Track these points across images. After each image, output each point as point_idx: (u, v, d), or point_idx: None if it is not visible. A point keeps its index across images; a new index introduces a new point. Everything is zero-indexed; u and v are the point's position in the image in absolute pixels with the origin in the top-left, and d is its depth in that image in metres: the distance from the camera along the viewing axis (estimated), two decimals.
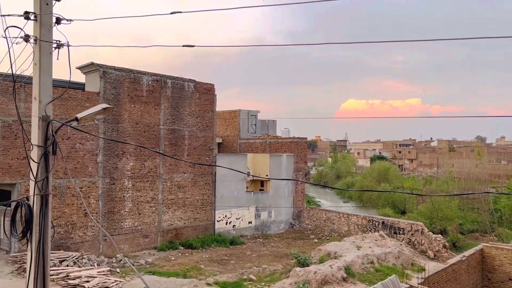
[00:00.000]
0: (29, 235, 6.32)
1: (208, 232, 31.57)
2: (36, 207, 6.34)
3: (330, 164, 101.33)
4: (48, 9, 6.25)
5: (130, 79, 27.59)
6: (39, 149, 6.32)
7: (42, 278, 6.24)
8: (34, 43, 6.27)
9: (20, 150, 22.97)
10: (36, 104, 6.38)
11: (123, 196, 26.98)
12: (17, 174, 22.88)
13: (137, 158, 27.77)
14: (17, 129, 22.92)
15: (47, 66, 6.36)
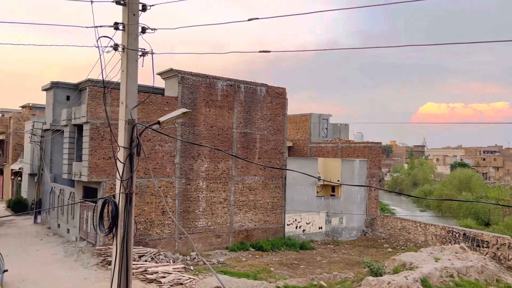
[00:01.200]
0: (114, 230, 6.78)
1: (278, 235, 31.65)
2: (121, 204, 6.78)
3: (406, 171, 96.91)
4: (135, 19, 6.68)
5: (206, 84, 28.59)
6: (125, 150, 6.77)
7: (126, 271, 6.66)
8: (122, 51, 6.73)
9: (106, 151, 24.78)
10: (123, 108, 6.84)
11: (197, 196, 27.98)
12: (102, 173, 24.70)
13: (211, 160, 28.65)
14: (103, 131, 24.76)
15: (133, 72, 6.80)
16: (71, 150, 28.37)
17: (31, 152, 38.62)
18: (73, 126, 28.14)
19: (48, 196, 34.49)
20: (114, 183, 24.48)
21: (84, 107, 24.98)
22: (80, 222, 27.28)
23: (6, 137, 49.84)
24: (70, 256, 24.33)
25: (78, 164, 26.21)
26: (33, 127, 35.72)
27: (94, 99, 24.51)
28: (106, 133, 24.78)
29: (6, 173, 48.62)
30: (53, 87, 32.69)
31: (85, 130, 25.02)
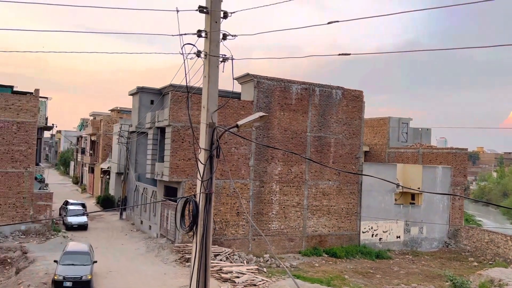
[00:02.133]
0: (195, 229, 7.09)
1: (353, 242, 30.85)
2: (201, 204, 7.08)
3: (495, 179, 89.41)
4: (217, 26, 6.97)
5: (281, 88, 28.81)
6: (206, 152, 7.06)
7: (204, 268, 6.94)
8: (204, 57, 7.05)
9: (185, 153, 25.98)
10: (204, 112, 7.15)
11: (271, 199, 28.24)
12: (182, 173, 25.91)
13: (285, 163, 28.77)
14: (184, 134, 25.99)
15: (214, 78, 7.08)
16: (154, 151, 30.14)
17: (118, 153, 41.66)
18: (156, 129, 29.88)
19: (132, 194, 36.94)
20: (193, 183, 25.56)
21: (167, 111, 26.42)
22: (161, 219, 28.86)
23: (97, 138, 54.27)
24: (151, 251, 25.81)
25: (160, 164, 27.75)
26: (121, 129, 38.52)
27: (176, 103, 25.84)
28: (186, 135, 25.97)
29: (97, 172, 52.91)
30: (138, 92, 35.00)
31: (167, 133, 26.44)
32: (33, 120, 29.29)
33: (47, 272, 20.09)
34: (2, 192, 28.17)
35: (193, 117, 24.78)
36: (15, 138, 28.65)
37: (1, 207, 28.11)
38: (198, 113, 27.35)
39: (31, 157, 29.13)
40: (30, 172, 29.07)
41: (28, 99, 29.33)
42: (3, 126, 28.37)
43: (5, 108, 28.53)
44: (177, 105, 25.87)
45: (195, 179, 24.99)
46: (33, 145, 29.40)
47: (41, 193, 30.03)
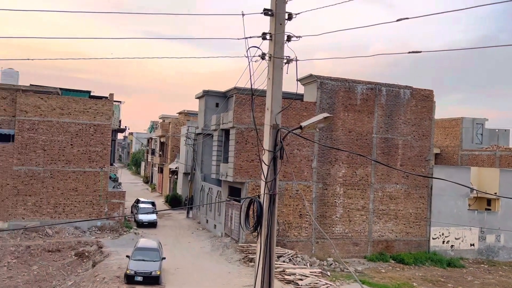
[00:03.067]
0: (259, 229, 7.16)
1: (422, 248, 29.42)
2: (265, 204, 7.13)
3: None
4: (281, 28, 7.00)
5: (345, 88, 28.25)
6: (269, 153, 7.10)
7: (269, 269, 6.98)
8: (269, 59, 7.10)
9: (249, 154, 26.33)
10: (268, 114, 7.20)
11: (334, 201, 27.76)
12: (246, 174, 26.28)
13: (349, 165, 28.15)
14: (247, 135, 26.36)
15: (278, 80, 7.12)
16: (219, 152, 30.90)
17: (186, 154, 43.23)
18: (221, 131, 30.61)
19: (198, 194, 38.13)
20: (256, 184, 25.83)
21: (231, 113, 26.98)
22: (225, 219, 29.49)
23: (166, 139, 56.73)
24: (216, 250, 26.46)
25: (225, 165, 28.38)
26: (188, 131, 39.97)
27: (240, 106, 26.30)
28: (250, 137, 26.32)
29: (165, 172, 55.30)
30: (204, 95, 36.08)
31: (231, 134, 26.99)
32: (108, 123, 31.27)
33: (120, 267, 21.33)
34: (81, 190, 30.37)
35: (256, 119, 25.07)
36: (92, 139, 30.76)
37: (80, 204, 30.31)
38: (262, 115, 27.46)
39: (106, 158, 31.11)
40: (105, 171, 31.06)
41: (103, 103, 31.38)
42: (82, 128, 30.58)
43: (83, 111, 30.74)
44: (241, 108, 26.30)
45: (259, 180, 25.21)
46: (108, 146, 31.38)
47: (114, 191, 31.96)
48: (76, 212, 30.10)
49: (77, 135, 30.42)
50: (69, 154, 30.19)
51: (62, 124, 30.14)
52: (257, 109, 25.34)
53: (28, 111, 29.48)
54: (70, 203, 30.07)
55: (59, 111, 30.11)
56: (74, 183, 30.17)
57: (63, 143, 30.14)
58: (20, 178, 29.19)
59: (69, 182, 30.07)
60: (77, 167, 30.32)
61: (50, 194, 29.66)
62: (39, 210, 29.42)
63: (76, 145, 30.38)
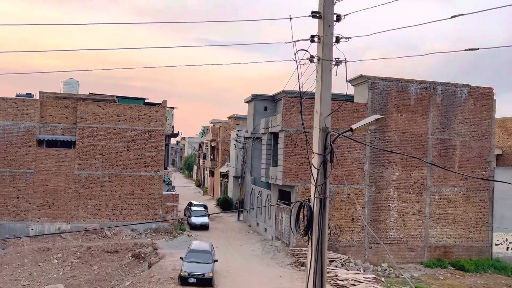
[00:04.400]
0: (310, 233, 7.10)
1: (483, 255, 27.80)
2: (315, 209, 7.06)
3: None
4: (329, 30, 6.92)
5: (397, 88, 27.40)
6: (319, 157, 7.03)
7: (320, 273, 6.90)
8: (317, 62, 7.05)
9: (298, 157, 26.20)
10: (317, 116, 7.14)
11: (388, 205, 26.95)
12: (295, 177, 26.17)
13: (403, 168, 27.23)
14: (296, 139, 26.25)
15: (327, 82, 7.04)
16: (268, 156, 31.01)
17: (236, 157, 43.77)
18: (270, 134, 30.72)
19: (248, 197, 38.45)
20: (306, 187, 25.65)
21: (280, 117, 27.01)
22: (275, 222, 29.50)
23: (217, 144, 57.79)
24: (267, 253, 26.51)
25: (274, 168, 28.43)
26: (237, 135, 40.47)
27: (288, 109, 26.27)
28: (299, 140, 26.21)
29: (216, 175, 56.28)
30: (253, 99, 36.39)
31: (280, 138, 27.00)
32: (162, 128, 32.35)
33: (174, 268, 21.94)
34: (137, 193, 31.62)
35: (305, 122, 24.81)
36: (146, 144, 31.96)
37: (136, 207, 31.56)
38: (311, 118, 27.41)
39: (160, 162, 32.19)
40: (160, 175, 32.13)
41: (157, 109, 32.54)
42: (137, 134, 31.86)
43: (138, 118, 32.03)
44: (290, 111, 26.26)
45: (308, 183, 25.04)
46: (162, 151, 32.46)
47: (168, 195, 32.97)
48: (132, 215, 31.36)
49: (133, 141, 31.73)
50: (125, 159, 31.55)
51: (119, 130, 31.58)
52: (306, 112, 25.18)
53: (87, 118, 31.17)
54: (127, 206, 31.39)
55: (116, 118, 31.57)
56: (131, 187, 31.46)
57: (120, 149, 31.55)
58: (81, 182, 30.88)
59: (126, 186, 31.41)
60: (133, 171, 31.59)
61: (108, 197, 31.13)
62: (98, 212, 30.96)
63: (132, 150, 31.70)
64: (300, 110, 7.27)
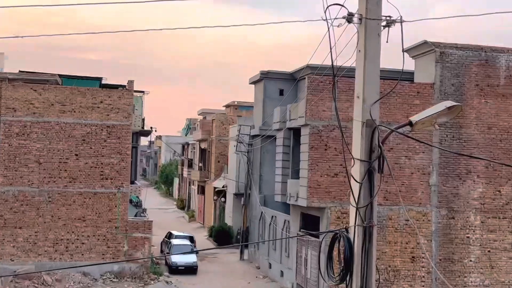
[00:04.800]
0: (348, 279, 7.08)
1: None
2: (357, 242, 7.04)
3: None
4: None
5: (480, 61, 27.25)
6: (362, 164, 7.01)
7: None
8: (359, 22, 7.02)
9: (330, 165, 26.17)
10: (359, 104, 7.12)
11: (467, 237, 26.82)
12: (326, 195, 26.13)
13: (489, 181, 27.08)
14: (327, 137, 26.24)
15: (373, 52, 7.02)
16: (285, 163, 31.02)
17: (237, 166, 43.85)
18: (288, 131, 30.73)
19: (257, 224, 38.48)
20: (343, 210, 25.61)
21: (302, 105, 26.99)
22: (297, 262, 29.46)
23: (208, 145, 57.94)
24: None
25: (294, 182, 28.43)
26: (239, 133, 40.52)
27: (315, 93, 26.24)
28: (331, 139, 26.18)
29: (208, 192, 56.44)
30: (262, 79, 36.49)
31: (304, 136, 26.99)
32: (127, 123, 32.54)
33: None
34: (91, 219, 31.76)
35: (341, 112, 24.89)
36: (104, 147, 32.15)
37: (89, 240, 31.70)
38: (349, 106, 27.19)
39: (125, 173, 32.37)
40: (124, 192, 32.31)
41: (120, 95, 32.73)
42: (91, 131, 32.05)
43: (92, 107, 32.20)
44: (317, 95, 26.20)
45: (346, 204, 24.93)
46: (127, 156, 32.63)
47: (137, 221, 33.13)
48: (84, 252, 31.52)
49: (85, 142, 31.93)
50: (73, 168, 31.74)
51: (64, 126, 31.80)
52: (342, 97, 25.14)
53: (16, 108, 31.39)
54: (76, 239, 31.56)
55: (59, 108, 31.80)
56: (81, 210, 31.64)
57: (66, 153, 31.76)
58: (8, 204, 31.08)
59: (74, 209, 31.58)
60: (85, 187, 31.78)
61: (48, 225, 31.32)
62: (33, 248, 31.14)
63: (83, 155, 31.89)
64: (333, 95, 7.29)
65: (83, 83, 35.28)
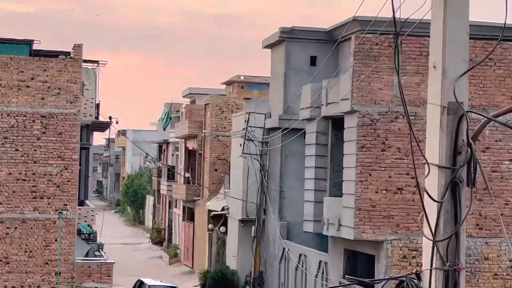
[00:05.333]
0: None
1: None
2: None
3: None
4: None
5: None
6: (442, 173, 6.99)
7: None
8: None
9: (391, 174, 26.16)
10: (437, 78, 7.10)
11: None
12: (385, 222, 26.14)
13: None
14: (385, 131, 26.21)
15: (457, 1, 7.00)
16: (320, 171, 31.00)
17: (244, 176, 43.81)
18: (324, 122, 30.71)
19: (276, 268, 38.45)
20: (412, 245, 25.63)
21: (347, 80, 26.94)
22: None
23: (199, 145, 57.93)
24: None
25: (335, 202, 28.44)
26: (248, 125, 40.44)
27: (367, 62, 26.20)
28: (390, 133, 26.19)
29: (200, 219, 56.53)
30: (284, 39, 36.44)
31: (349, 130, 26.98)
32: (73, 111, 32.60)
33: None
34: (16, 261, 31.86)
35: (407, 90, 24.83)
36: (38, 148, 32.23)
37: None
38: (420, 81, 27.13)
39: (69, 188, 32.46)
40: (69, 219, 32.39)
41: (61, 68, 32.76)
42: (16, 124, 32.10)
43: (18, 87, 32.27)
44: (369, 66, 26.19)
45: (417, 236, 24.95)
46: (74, 162, 32.71)
47: (90, 264, 33.22)
48: None
49: (6, 140, 32.04)
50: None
51: None
52: (409, 68, 25.15)
53: None
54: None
55: None
56: (2, 247, 31.77)
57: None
58: None
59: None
60: (8, 211, 31.91)
61: None
62: None
63: (4, 162, 32.01)
64: (396, 64, 7.25)
65: (3, 49, 35.30)
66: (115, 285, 34.84)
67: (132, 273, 45.68)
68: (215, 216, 51.75)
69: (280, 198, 38.55)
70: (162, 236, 73.17)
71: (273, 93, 39.19)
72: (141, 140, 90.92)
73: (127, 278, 42.85)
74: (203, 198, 55.86)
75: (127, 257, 56.12)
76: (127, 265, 50.07)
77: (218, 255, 51.26)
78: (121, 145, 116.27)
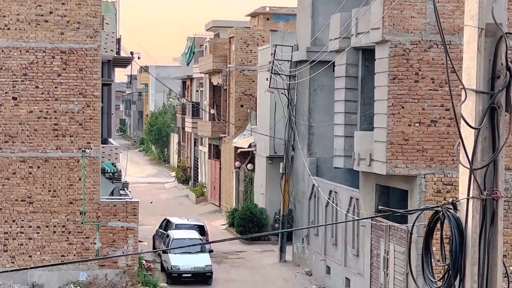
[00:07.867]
0: (458, 283, 7.05)
1: None
2: (471, 224, 6.99)
3: None
4: None
5: None
6: (480, 98, 6.91)
7: None
8: None
9: (425, 106, 26.00)
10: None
11: None
12: (418, 156, 26.02)
13: None
14: (419, 61, 25.95)
15: None
16: (350, 105, 30.88)
17: (271, 112, 43.75)
18: (354, 53, 30.50)
19: (305, 205, 38.52)
20: (446, 179, 25.55)
21: (378, 8, 26.62)
22: (372, 264, 29.54)
23: (224, 80, 57.74)
24: None
25: (366, 136, 28.35)
26: (274, 58, 40.27)
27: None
28: (424, 63, 25.95)
29: (226, 157, 56.56)
30: None
31: (381, 60, 26.77)
32: (93, 46, 32.53)
33: None
34: (40, 201, 32.09)
35: (442, 17, 24.50)
36: (59, 85, 32.25)
37: (40, 233, 32.14)
38: (455, 7, 26.83)
39: (92, 126, 32.50)
40: (92, 158, 32.52)
41: (80, 0, 32.53)
42: (35, 60, 32.11)
43: (36, 21, 32.20)
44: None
45: (452, 170, 24.90)
46: (96, 99, 32.73)
47: (115, 203, 33.40)
48: (32, 251, 32.00)
49: (26, 77, 32.06)
50: (10, 120, 32.00)
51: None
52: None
53: None
54: (19, 232, 32.04)
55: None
56: (25, 187, 32.02)
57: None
58: None
59: (13, 185, 31.97)
60: (30, 150, 32.08)
61: None
62: None
63: (24, 99, 32.08)
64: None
65: None
66: (141, 224, 35.09)
67: (158, 213, 45.87)
68: (242, 153, 51.84)
69: (309, 134, 38.51)
70: (187, 174, 73.20)
71: (300, 24, 38.88)
72: (164, 76, 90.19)
73: (153, 217, 43.13)
74: (229, 135, 55.86)
75: (152, 196, 56.35)
76: (153, 204, 50.25)
77: (246, 193, 51.33)
78: (144, 81, 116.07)
